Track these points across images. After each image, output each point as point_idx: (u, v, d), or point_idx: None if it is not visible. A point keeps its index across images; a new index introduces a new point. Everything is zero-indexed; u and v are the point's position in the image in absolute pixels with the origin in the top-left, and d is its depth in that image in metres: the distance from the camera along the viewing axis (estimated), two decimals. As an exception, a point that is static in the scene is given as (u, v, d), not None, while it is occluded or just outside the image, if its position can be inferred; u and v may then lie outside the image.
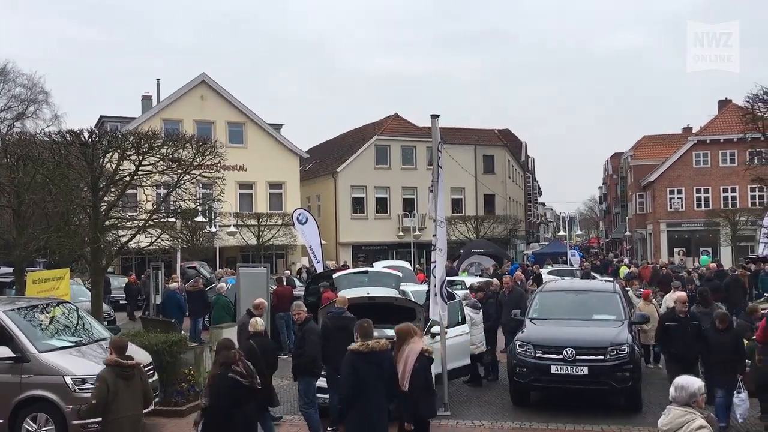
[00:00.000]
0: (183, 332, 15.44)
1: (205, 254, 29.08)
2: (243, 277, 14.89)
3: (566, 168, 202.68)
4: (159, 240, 13.77)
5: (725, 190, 46.17)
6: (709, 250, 45.11)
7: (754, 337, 10.26)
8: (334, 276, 13.88)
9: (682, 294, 10.82)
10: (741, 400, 9.37)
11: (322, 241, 26.40)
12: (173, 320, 15.22)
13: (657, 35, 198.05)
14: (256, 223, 33.73)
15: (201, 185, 15.73)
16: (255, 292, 13.96)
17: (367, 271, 14.89)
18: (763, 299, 18.61)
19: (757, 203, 39.79)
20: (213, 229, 28.19)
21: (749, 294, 20.20)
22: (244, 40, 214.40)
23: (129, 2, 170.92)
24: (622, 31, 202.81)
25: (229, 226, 29.70)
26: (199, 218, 22.76)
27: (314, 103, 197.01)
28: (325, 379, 9.74)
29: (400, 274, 14.79)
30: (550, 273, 28.25)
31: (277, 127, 40.84)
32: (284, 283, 18.05)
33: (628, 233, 65.11)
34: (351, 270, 17.05)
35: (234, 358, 6.96)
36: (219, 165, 14.51)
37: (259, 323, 9.08)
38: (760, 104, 10.85)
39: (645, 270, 28.62)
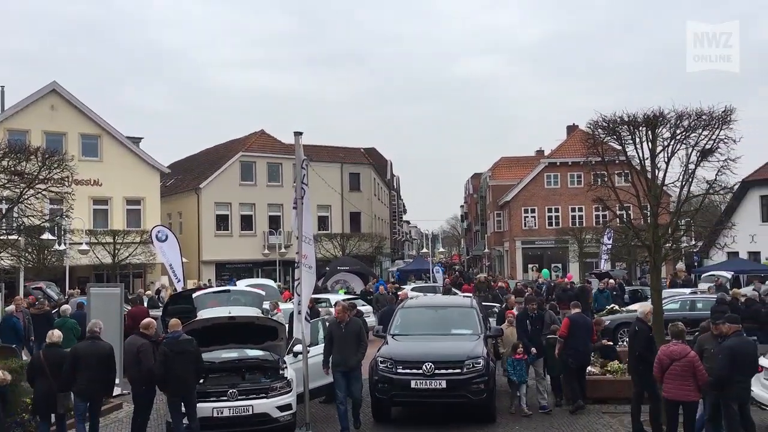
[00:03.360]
0: (25, 358, 14.32)
1: (54, 274, 27.19)
2: (94, 297, 14.03)
3: (430, 187, 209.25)
4: (-2, 259, 12.71)
5: (573, 210, 49.52)
6: (559, 265, 48.14)
7: (558, 334, 11.87)
8: (193, 296, 13.41)
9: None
10: None
11: (184, 260, 25.50)
12: (14, 345, 14.06)
13: (512, 62, 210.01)
14: (112, 241, 32.00)
15: (49, 200, 14.74)
16: (107, 313, 13.19)
17: (228, 290, 14.53)
18: (605, 311, 20.09)
19: (600, 222, 42.96)
20: (62, 248, 26.39)
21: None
22: (100, 49, 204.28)
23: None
24: (478, 58, 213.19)
25: (81, 244, 27.93)
26: (46, 236, 21.26)
27: (176, 118, 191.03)
28: None
29: (263, 293, 14.55)
30: (413, 289, 28.85)
31: (136, 140, 39.11)
32: (143, 303, 17.25)
33: (487, 250, 68.00)
34: (211, 289, 16.59)
35: None
36: (69, 179, 13.66)
37: (55, 335, 9.49)
38: (600, 130, 11.69)
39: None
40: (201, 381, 10.08)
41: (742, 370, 8.70)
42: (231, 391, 9.84)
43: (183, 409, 9.42)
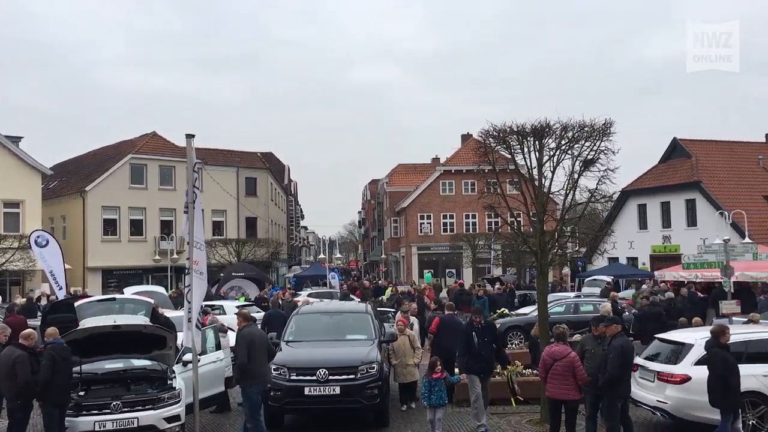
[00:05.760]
0: None
1: None
2: (-37, 307, 13.08)
3: (328, 193, 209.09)
4: None
5: (467, 217, 50.86)
6: (453, 270, 49.31)
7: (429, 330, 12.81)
8: (75, 305, 12.70)
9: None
10: None
11: (67, 266, 24.23)
12: None
13: (408, 71, 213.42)
14: (-13, 246, 29.93)
15: None
16: (-22, 324, 12.30)
17: (114, 299, 13.89)
18: (497, 314, 20.75)
19: (493, 228, 44.37)
20: (-71, 253, 24.45)
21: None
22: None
23: None
24: (375, 66, 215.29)
25: (-49, 249, 26.00)
26: None
27: (60, 117, 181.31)
28: None
29: (152, 301, 13.99)
30: (309, 295, 28.74)
31: (15, 139, 36.81)
32: (15, 312, 16.21)
33: (384, 256, 68.62)
34: (96, 297, 15.80)
35: None
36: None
37: None
38: (491, 139, 12.04)
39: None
40: (82, 393, 9.60)
41: (627, 369, 9.25)
42: (115, 403, 9.42)
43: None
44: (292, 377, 10.55)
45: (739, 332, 11.26)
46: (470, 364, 10.69)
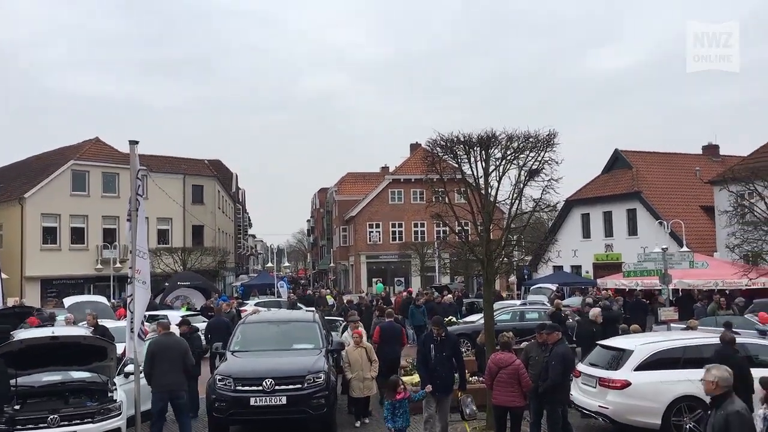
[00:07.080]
0: None
1: None
2: None
3: (277, 201, 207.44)
4: None
5: (416, 225, 51.14)
6: (402, 279, 49.50)
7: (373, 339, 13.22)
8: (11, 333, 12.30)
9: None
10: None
11: (3, 276, 23.42)
12: None
13: (357, 79, 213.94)
14: None
15: None
16: None
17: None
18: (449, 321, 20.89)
19: (441, 237, 44.74)
20: None
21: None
22: None
23: None
24: (325, 73, 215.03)
25: None
26: None
27: None
28: None
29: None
30: (257, 304, 28.46)
31: (-51, 144, 35.50)
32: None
33: (332, 265, 68.40)
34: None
35: None
36: None
37: None
38: (438, 149, 12.17)
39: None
40: (17, 407, 9.27)
41: (567, 376, 9.44)
42: (52, 417, 9.12)
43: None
44: (237, 388, 10.39)
45: (678, 338, 11.65)
46: (425, 379, 10.08)
